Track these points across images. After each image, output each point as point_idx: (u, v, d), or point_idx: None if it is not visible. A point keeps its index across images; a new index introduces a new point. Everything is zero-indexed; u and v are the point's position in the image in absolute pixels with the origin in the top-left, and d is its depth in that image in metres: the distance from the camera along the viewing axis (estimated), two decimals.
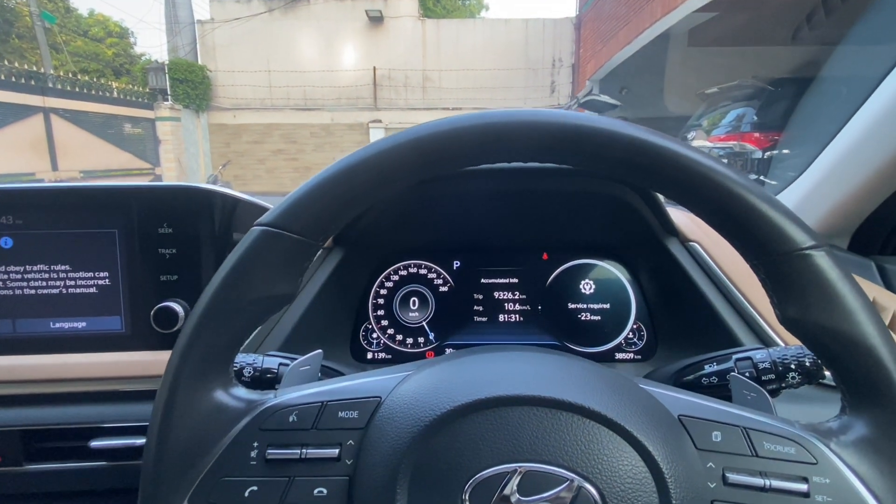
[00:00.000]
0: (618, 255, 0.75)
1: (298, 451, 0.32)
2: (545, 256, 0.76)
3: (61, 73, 8.47)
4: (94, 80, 9.79)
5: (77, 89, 8.10)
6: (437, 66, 10.73)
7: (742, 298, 0.61)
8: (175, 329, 0.58)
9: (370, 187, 0.33)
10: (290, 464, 0.32)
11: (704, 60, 6.26)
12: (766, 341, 0.58)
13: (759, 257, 0.32)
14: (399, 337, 0.75)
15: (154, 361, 0.59)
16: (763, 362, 0.47)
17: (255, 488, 0.31)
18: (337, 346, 0.73)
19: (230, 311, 0.32)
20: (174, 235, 0.59)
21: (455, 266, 0.76)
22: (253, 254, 0.32)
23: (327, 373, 0.52)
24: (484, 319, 0.75)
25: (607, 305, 0.74)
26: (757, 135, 3.69)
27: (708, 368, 0.50)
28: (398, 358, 0.74)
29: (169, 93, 9.85)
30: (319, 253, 0.36)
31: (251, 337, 0.62)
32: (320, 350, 0.46)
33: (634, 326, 0.73)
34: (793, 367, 0.46)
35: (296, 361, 0.44)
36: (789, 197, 0.70)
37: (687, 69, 6.48)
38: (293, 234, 0.32)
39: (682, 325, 0.69)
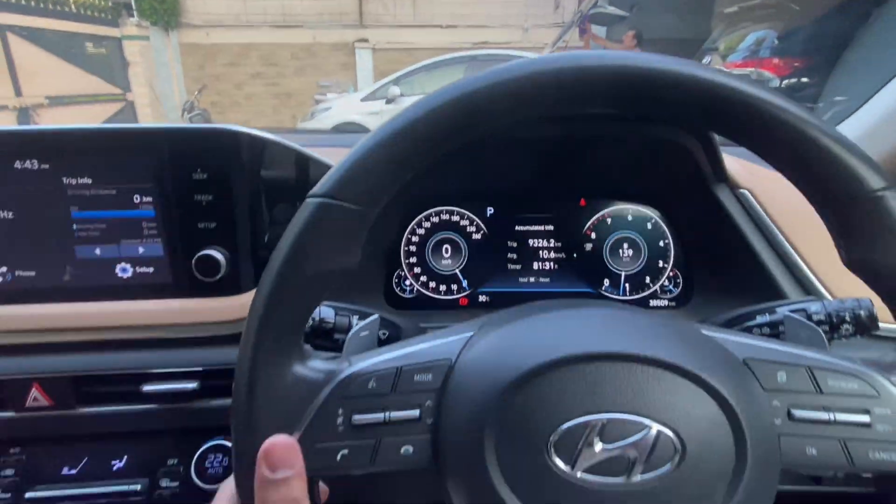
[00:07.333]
0: (658, 201, 0.73)
1: (382, 415, 0.33)
2: (582, 203, 0.74)
3: None
4: None
5: (33, 2, 7.36)
6: None
7: (792, 251, 0.60)
8: (217, 277, 0.56)
9: (433, 145, 0.32)
10: (376, 427, 0.33)
11: None
12: (814, 295, 0.59)
13: (830, 201, 0.31)
14: (432, 284, 0.74)
15: (196, 309, 0.59)
16: (818, 314, 0.47)
17: (345, 452, 0.33)
18: (371, 293, 0.72)
19: (295, 289, 0.32)
20: (209, 181, 0.56)
21: (488, 213, 0.74)
22: (311, 228, 0.32)
23: (384, 324, 0.52)
24: (517, 267, 0.74)
25: (645, 253, 0.73)
26: (776, 61, 3.51)
27: (760, 319, 0.50)
28: (431, 305, 0.73)
29: (133, 7, 9.03)
30: None
31: None
32: (377, 315, 0.47)
33: (671, 274, 0.73)
34: (847, 319, 0.47)
35: (355, 328, 0.44)
36: (847, 131, 0.67)
37: None
38: (350, 205, 0.32)
39: (721, 273, 0.69)
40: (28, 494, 0.58)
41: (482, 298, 0.74)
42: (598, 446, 0.31)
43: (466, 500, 0.33)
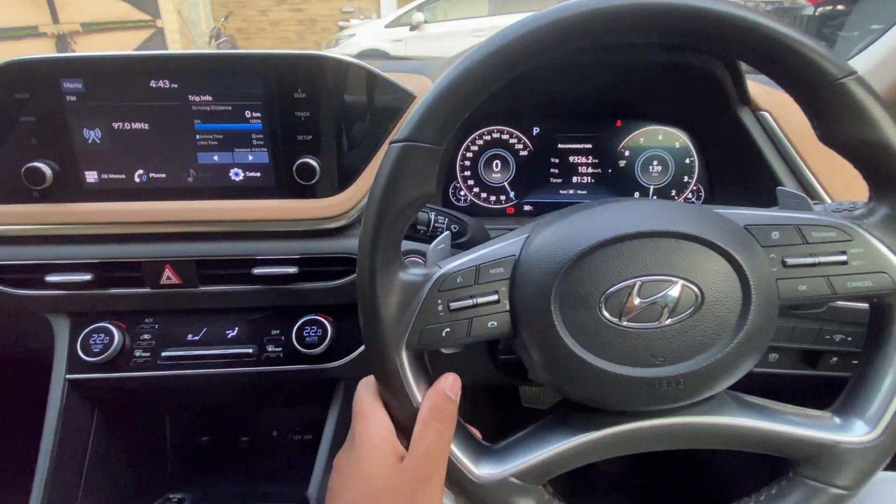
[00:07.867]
0: (686, 122, 0.80)
1: (471, 301, 0.42)
2: (619, 124, 0.82)
3: None
4: None
5: None
6: None
7: (803, 165, 0.68)
8: (313, 181, 0.68)
9: (491, 82, 0.39)
10: (467, 310, 0.43)
11: None
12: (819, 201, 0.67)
13: (803, 89, 0.39)
14: (483, 195, 0.85)
15: (296, 208, 0.71)
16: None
17: (448, 329, 0.43)
18: (431, 203, 0.84)
19: (391, 219, 0.41)
20: (307, 100, 0.67)
21: (534, 132, 0.83)
22: (397, 168, 0.40)
23: (454, 220, 0.65)
24: (559, 181, 0.84)
25: (672, 169, 0.82)
26: None
27: None
28: (482, 212, 0.85)
29: None
30: None
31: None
32: (448, 232, 0.56)
33: (694, 188, 0.82)
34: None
35: (434, 242, 0.51)
36: (864, 62, 0.72)
37: None
38: (426, 144, 0.40)
39: (739, 188, 0.77)
40: (163, 353, 0.74)
41: (526, 207, 0.85)
42: (637, 301, 0.39)
43: (542, 353, 0.42)
